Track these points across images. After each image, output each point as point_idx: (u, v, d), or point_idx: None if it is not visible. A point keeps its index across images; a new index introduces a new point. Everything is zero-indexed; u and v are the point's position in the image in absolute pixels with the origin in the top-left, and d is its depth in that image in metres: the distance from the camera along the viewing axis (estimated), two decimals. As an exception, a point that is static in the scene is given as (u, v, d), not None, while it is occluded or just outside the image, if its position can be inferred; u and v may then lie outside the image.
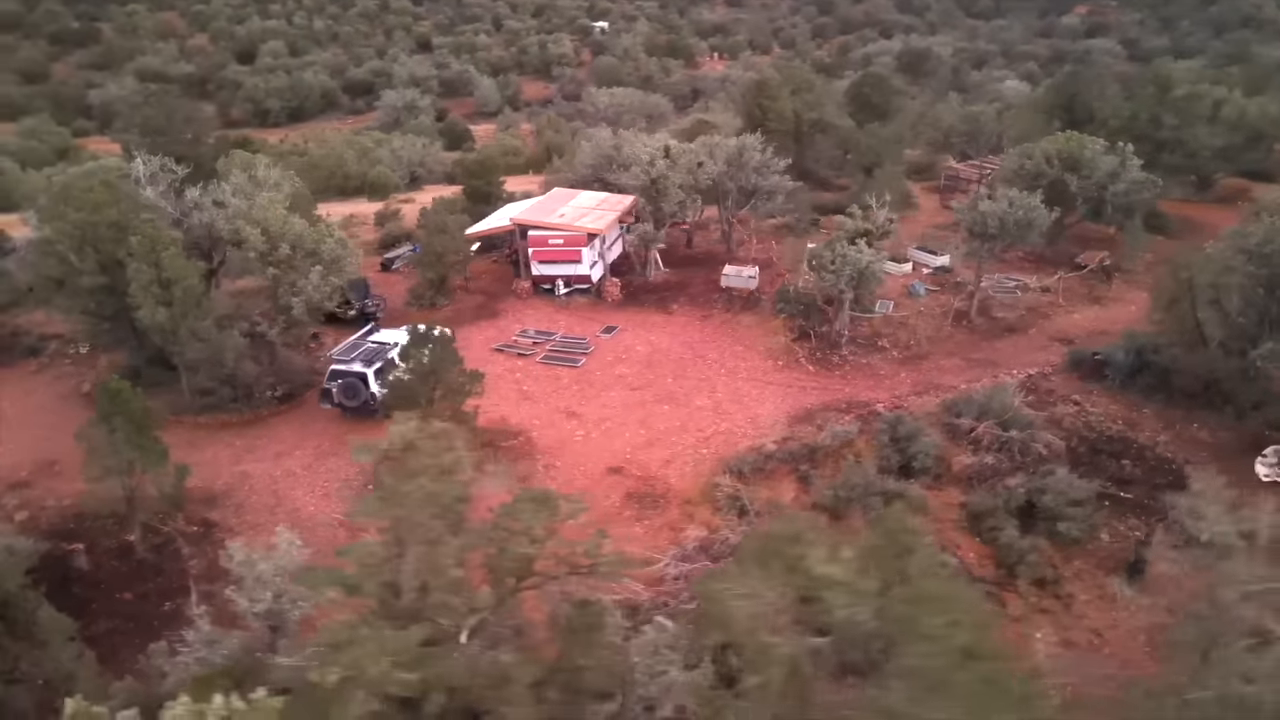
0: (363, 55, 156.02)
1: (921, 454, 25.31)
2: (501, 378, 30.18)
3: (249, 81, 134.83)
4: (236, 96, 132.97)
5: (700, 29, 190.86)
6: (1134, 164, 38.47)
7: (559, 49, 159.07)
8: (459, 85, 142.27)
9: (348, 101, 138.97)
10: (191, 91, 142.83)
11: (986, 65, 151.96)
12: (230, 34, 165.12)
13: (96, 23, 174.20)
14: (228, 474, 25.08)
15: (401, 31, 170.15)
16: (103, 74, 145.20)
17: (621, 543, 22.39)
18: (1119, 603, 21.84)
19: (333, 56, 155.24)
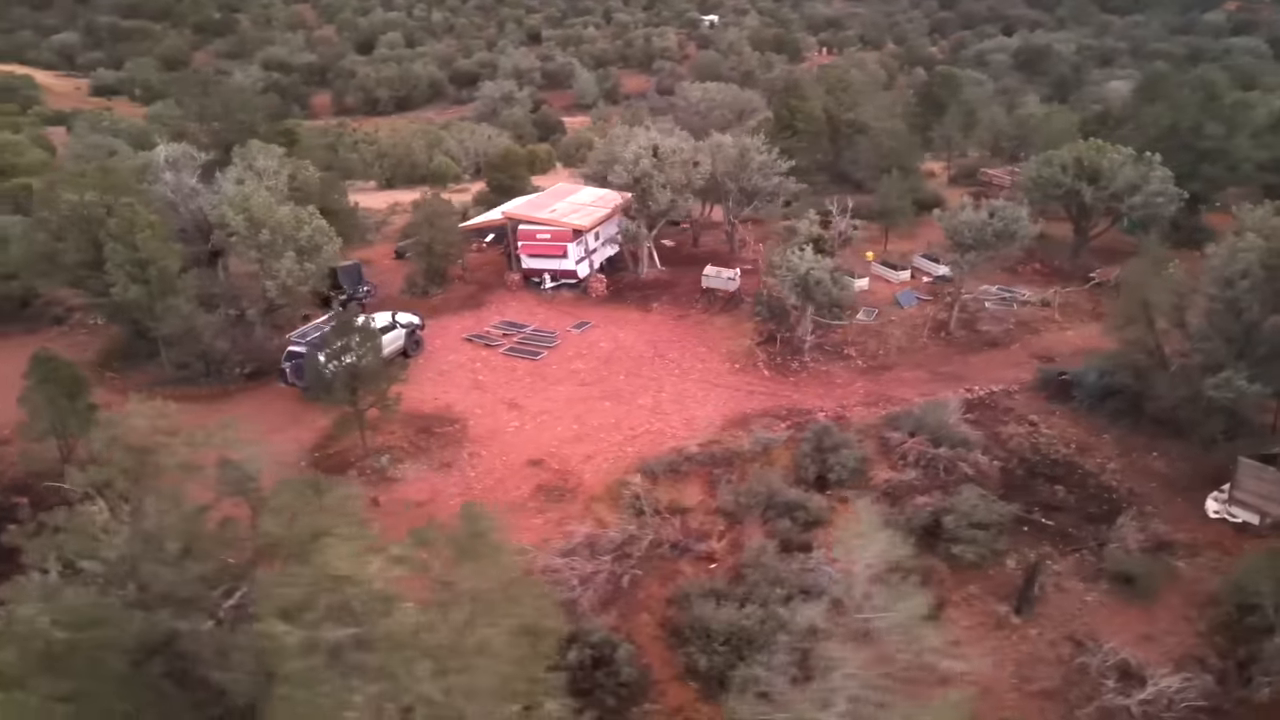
0: (473, 47, 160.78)
1: (839, 466, 25.04)
2: (462, 366, 31.34)
3: (362, 71, 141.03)
4: (350, 85, 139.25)
5: (812, 23, 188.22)
6: (1158, 175, 36.45)
7: (663, 42, 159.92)
8: (561, 78, 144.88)
9: (453, 91, 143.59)
10: (312, 80, 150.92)
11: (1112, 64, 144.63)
12: (354, 25, 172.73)
13: (236, 13, 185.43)
14: (180, 443, 27.02)
15: (513, 24, 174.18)
16: (235, 62, 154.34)
17: (516, 533, 23.23)
18: (1003, 630, 21.20)
19: (445, 48, 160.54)
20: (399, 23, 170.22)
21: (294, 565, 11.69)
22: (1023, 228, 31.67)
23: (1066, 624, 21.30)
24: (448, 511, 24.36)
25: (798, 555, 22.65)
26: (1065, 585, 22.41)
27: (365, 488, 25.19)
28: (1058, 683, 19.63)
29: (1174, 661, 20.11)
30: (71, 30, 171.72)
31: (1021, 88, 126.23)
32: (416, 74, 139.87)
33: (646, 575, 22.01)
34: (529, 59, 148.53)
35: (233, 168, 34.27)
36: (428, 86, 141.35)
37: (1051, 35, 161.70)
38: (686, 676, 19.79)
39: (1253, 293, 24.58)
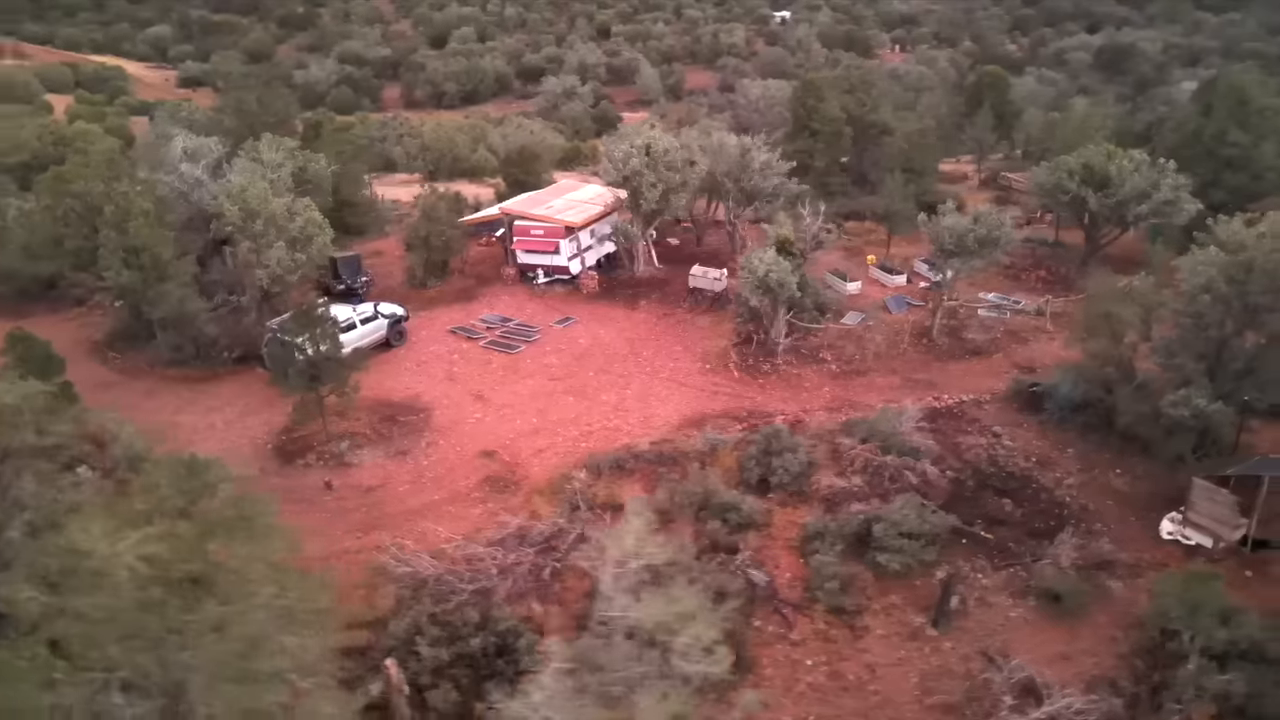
0: (542, 42, 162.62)
1: (782, 470, 25.07)
2: (440, 358, 32.22)
3: (432, 65, 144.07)
4: (419, 79, 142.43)
5: (887, 20, 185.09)
6: (1168, 183, 35.21)
7: (730, 39, 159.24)
8: (626, 73, 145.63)
9: (519, 86, 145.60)
10: (384, 74, 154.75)
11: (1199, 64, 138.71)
12: (429, 20, 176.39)
13: (319, 8, 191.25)
14: (159, 421, 28.40)
15: (584, 19, 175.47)
16: (313, 55, 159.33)
17: (453, 521, 23.99)
18: (917, 641, 21.03)
19: (515, 43, 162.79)
20: (472, 18, 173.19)
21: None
22: (1005, 235, 31.01)
23: (984, 639, 21.02)
24: (395, 497, 25.36)
25: (721, 556, 22.95)
26: (991, 600, 22.10)
27: (321, 471, 26.35)
28: (959, 697, 19.44)
29: (1086, 682, 19.70)
30: (165, 24, 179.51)
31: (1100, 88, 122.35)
32: (483, 69, 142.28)
33: (569, 568, 22.44)
34: (595, 54, 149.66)
35: (238, 159, 35.77)
36: (494, 81, 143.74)
37: (1137, 33, 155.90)
38: (587, 668, 20.21)
39: (1218, 307, 23.75)
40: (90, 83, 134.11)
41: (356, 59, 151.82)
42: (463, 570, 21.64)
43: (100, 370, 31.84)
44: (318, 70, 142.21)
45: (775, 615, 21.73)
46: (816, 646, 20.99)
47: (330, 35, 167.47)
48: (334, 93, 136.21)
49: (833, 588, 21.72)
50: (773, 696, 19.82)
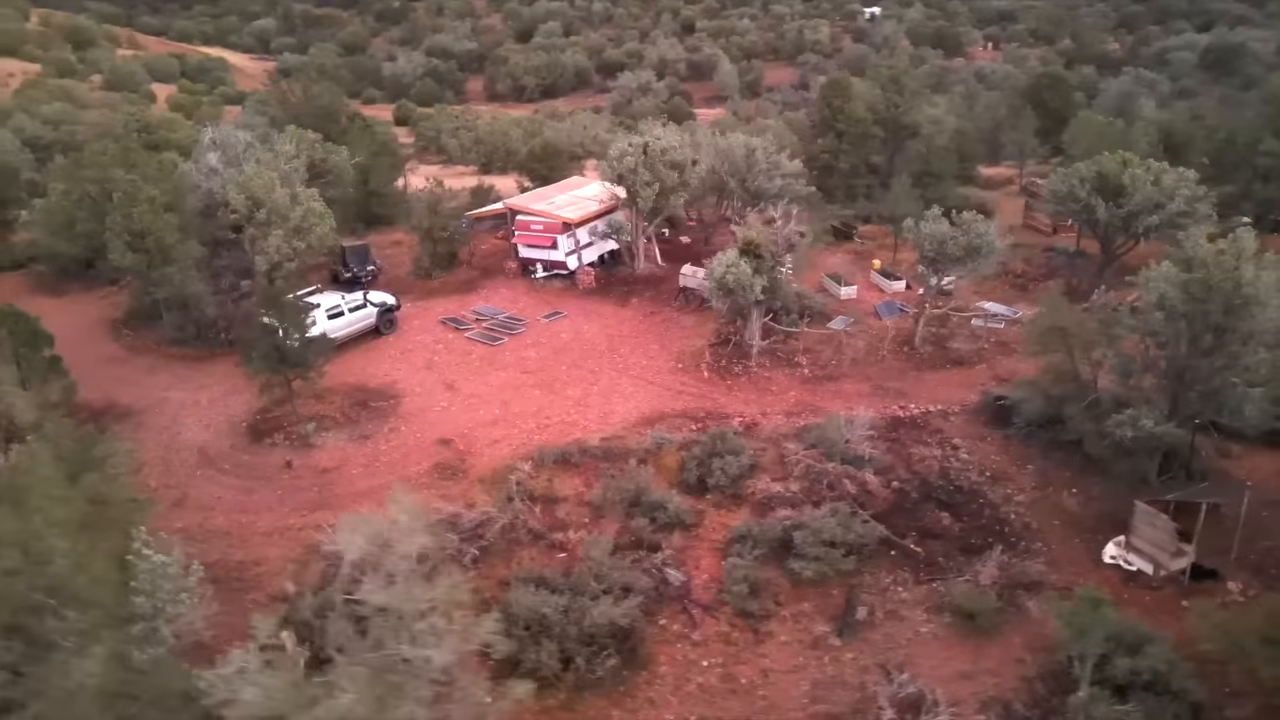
0: (625, 37, 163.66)
1: (720, 472, 25.20)
2: (425, 347, 33.28)
3: (514, 59, 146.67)
4: (500, 72, 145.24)
5: (983, 16, 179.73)
6: (1184, 194, 33.71)
7: (814, 35, 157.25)
8: (705, 69, 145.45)
9: (598, 81, 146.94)
10: (470, 66, 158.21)
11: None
12: (518, 14, 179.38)
13: (414, 1, 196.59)
14: (152, 396, 30.31)
15: (669, 14, 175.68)
16: (404, 48, 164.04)
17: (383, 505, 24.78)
18: (819, 650, 20.95)
19: (598, 38, 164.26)
20: (559, 12, 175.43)
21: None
22: (988, 243, 30.25)
23: (887, 652, 20.80)
24: (346, 479, 26.46)
25: (641, 553, 23.25)
26: (905, 614, 21.81)
27: (285, 451, 27.65)
28: (844, 708, 19.34)
29: (981, 702, 19.36)
30: (270, 17, 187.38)
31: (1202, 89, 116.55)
32: (563, 63, 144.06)
33: (493, 556, 23.10)
34: (676, 50, 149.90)
35: (253, 149, 37.56)
36: (573, 75, 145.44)
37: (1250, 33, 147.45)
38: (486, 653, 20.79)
39: (1174, 326, 22.82)
40: (194, 73, 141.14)
41: (443, 52, 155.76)
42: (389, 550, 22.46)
43: (112, 346, 33.95)
44: (405, 63, 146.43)
45: (682, 614, 21.95)
46: (717, 648, 21.11)
47: (421, 29, 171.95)
48: (418, 85, 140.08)
49: (740, 591, 21.79)
50: (660, 694, 20.17)
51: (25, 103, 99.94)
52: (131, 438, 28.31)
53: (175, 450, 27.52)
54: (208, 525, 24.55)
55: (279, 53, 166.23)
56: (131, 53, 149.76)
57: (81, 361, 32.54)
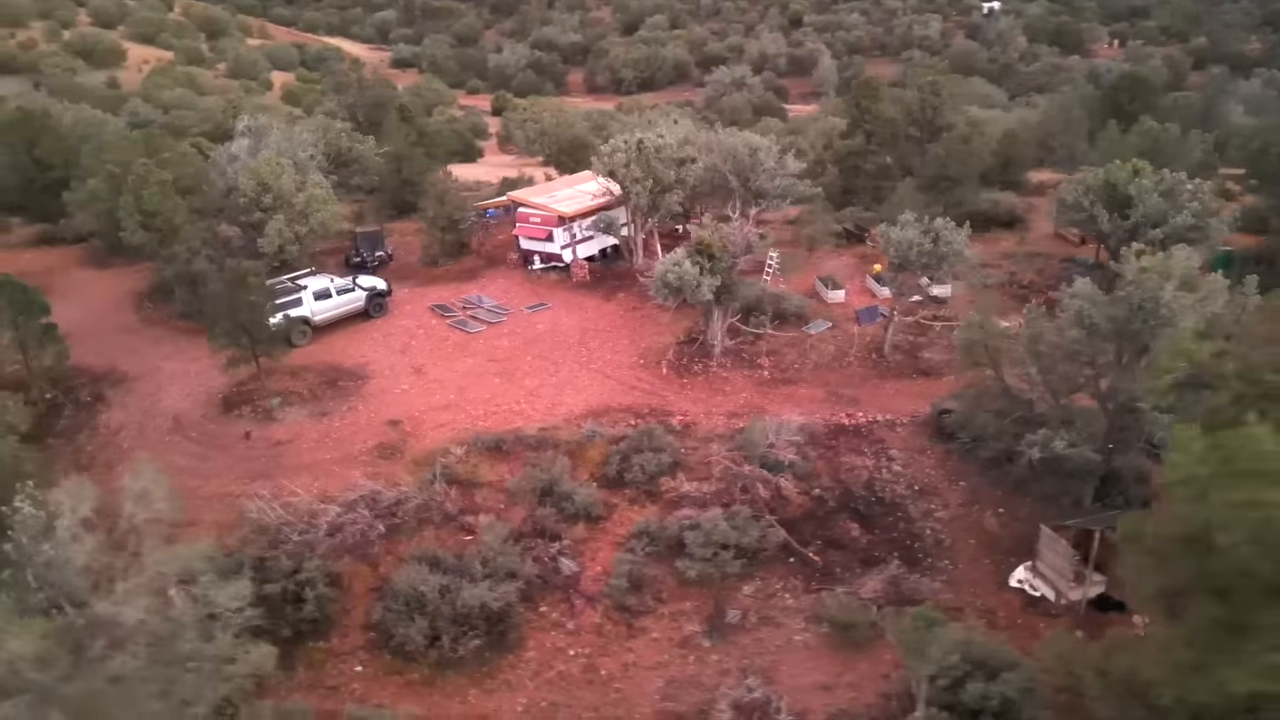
0: (730, 30, 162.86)
1: (638, 468, 25.51)
2: (406, 331, 34.63)
3: (614, 52, 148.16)
4: (600, 65, 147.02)
5: (1112, 12, 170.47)
6: (1193, 207, 31.84)
7: (924, 30, 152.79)
8: (806, 65, 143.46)
9: (697, 75, 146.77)
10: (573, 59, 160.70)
11: None
12: (626, 7, 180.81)
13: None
14: (149, 365, 32.57)
15: (777, 9, 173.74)
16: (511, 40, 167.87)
17: (329, 479, 26.22)
18: (685, 649, 21.12)
19: (702, 31, 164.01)
20: (667, 5, 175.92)
21: None
22: (954, 250, 29.35)
23: (754, 656, 20.83)
24: (294, 453, 27.99)
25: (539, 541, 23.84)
26: (783, 621, 21.76)
27: (248, 422, 29.39)
28: (689, 708, 19.51)
29: (830, 715, 19.23)
30: (392, 9, 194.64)
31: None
32: (662, 56, 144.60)
33: (401, 534, 24.10)
34: (778, 44, 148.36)
35: (272, 137, 39.73)
36: (672, 69, 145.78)
37: None
38: (369, 626, 21.85)
39: (1093, 344, 21.82)
40: (312, 62, 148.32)
41: (548, 44, 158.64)
42: (298, 523, 23.83)
43: (131, 318, 36.63)
44: (509, 54, 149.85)
45: (564, 603, 22.46)
46: (588, 639, 21.57)
47: (531, 21, 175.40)
48: (519, 76, 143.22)
49: (620, 585, 22.16)
50: (519, 678, 20.77)
51: (150, 88, 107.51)
52: (120, 402, 30.81)
53: (153, 416, 29.65)
54: (160, 487, 26.43)
55: (396, 43, 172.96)
56: (259, 42, 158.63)
57: (100, 329, 35.53)
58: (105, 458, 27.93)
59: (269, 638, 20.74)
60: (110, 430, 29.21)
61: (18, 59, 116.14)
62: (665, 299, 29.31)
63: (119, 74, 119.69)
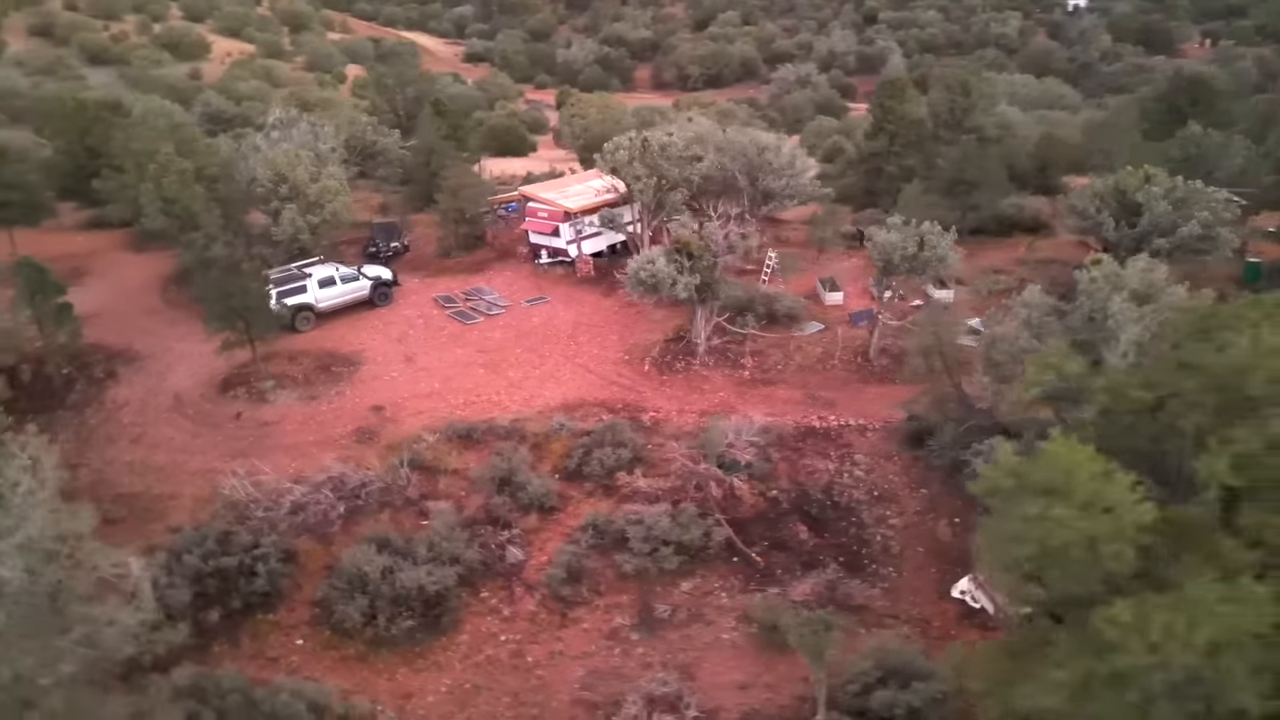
0: (802, 27, 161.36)
1: (597, 462, 25.90)
2: (406, 321, 35.62)
3: (682, 48, 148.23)
4: (666, 61, 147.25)
5: (1207, 10, 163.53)
6: (1202, 216, 30.73)
7: (1001, 28, 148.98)
8: (876, 62, 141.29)
9: (765, 71, 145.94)
10: (642, 55, 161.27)
11: None
12: (699, 2, 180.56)
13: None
14: (162, 345, 34.15)
15: (851, 5, 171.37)
16: (581, 35, 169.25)
17: (304, 459, 27.27)
18: (614, 641, 21.45)
19: (775, 28, 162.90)
20: (740, 1, 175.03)
21: None
22: (936, 255, 28.88)
23: (677, 652, 21.05)
24: (279, 434, 29.15)
25: (490, 529, 24.43)
26: (713, 619, 21.93)
27: (241, 403, 30.68)
28: (602, 698, 19.84)
29: (743, 714, 19.36)
30: (469, 3, 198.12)
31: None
32: (730, 53, 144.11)
33: (362, 516, 24.94)
34: (848, 42, 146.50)
35: (296, 130, 41.17)
36: (739, 66, 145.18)
37: None
38: (315, 602, 22.70)
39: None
40: (386, 55, 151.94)
41: (618, 40, 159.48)
42: (263, 501, 24.86)
43: (155, 300, 38.43)
44: (577, 50, 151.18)
45: (505, 590, 22.99)
46: (522, 626, 22.06)
47: (603, 16, 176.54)
48: (587, 71, 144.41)
49: (557, 575, 22.58)
50: (449, 659, 21.38)
51: (228, 80, 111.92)
52: (129, 379, 32.47)
53: (155, 394, 31.18)
54: (149, 460, 27.90)
55: (471, 38, 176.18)
56: (340, 36, 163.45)
57: (125, 310, 37.43)
58: (106, 431, 29.52)
59: (220, 607, 22.41)
60: (115, 405, 30.82)
61: (109, 50, 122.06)
62: (641, 295, 29.57)
63: (202, 66, 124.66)
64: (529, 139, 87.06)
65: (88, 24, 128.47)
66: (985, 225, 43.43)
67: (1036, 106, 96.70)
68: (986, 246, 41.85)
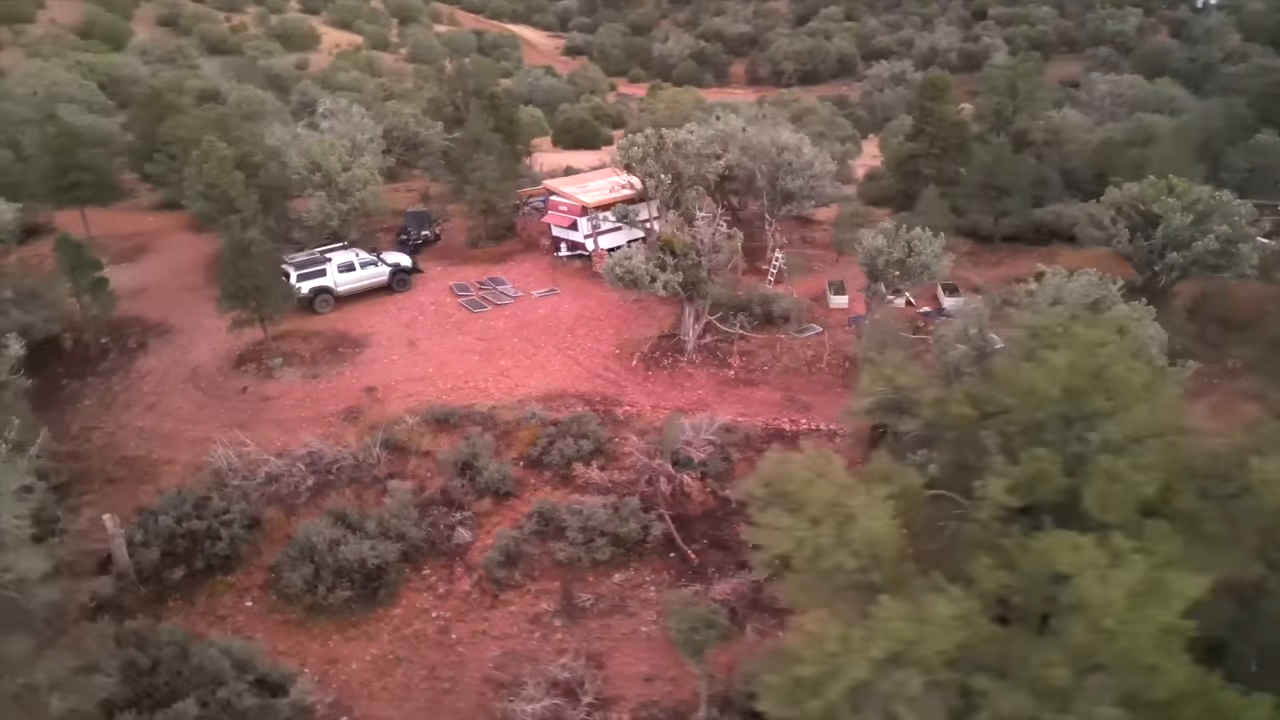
0: (906, 23, 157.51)
1: (557, 452, 26.54)
2: (419, 306, 36.94)
3: (777, 43, 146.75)
4: (761, 57, 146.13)
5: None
6: (1220, 231, 29.19)
7: (1119, 25, 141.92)
8: (978, 60, 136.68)
9: (862, 68, 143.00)
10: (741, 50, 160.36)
11: None
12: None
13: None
14: (192, 320, 36.34)
15: (960, 1, 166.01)
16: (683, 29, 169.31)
17: (288, 434, 28.79)
18: (535, 625, 22.08)
19: (878, 24, 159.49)
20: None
21: None
22: (921, 262, 28.27)
23: (594, 640, 21.53)
24: (276, 409, 30.83)
25: (443, 509, 25.36)
26: (635, 611, 22.38)
27: (249, 378, 32.49)
28: (509, 678, 20.48)
29: (640, 704, 19.77)
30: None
31: None
32: (826, 49, 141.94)
33: (331, 490, 26.23)
34: (949, 39, 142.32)
35: (335, 121, 43.01)
36: (835, 62, 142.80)
37: None
38: (270, 568, 24.03)
39: (981, 365, 20.86)
40: (486, 48, 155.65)
41: (716, 35, 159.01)
42: (241, 470, 26.43)
43: (198, 278, 40.75)
44: (673, 44, 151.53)
45: (446, 570, 23.87)
46: (454, 604, 22.92)
47: (703, 10, 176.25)
48: (681, 66, 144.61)
49: (494, 558, 23.33)
50: (379, 630, 22.39)
51: (330, 71, 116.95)
52: (157, 351, 34.78)
53: (177, 366, 33.34)
54: (157, 427, 29.95)
55: (573, 31, 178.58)
56: (446, 28, 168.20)
57: (170, 286, 40.01)
58: (126, 398, 31.77)
59: (184, 566, 24.02)
60: (139, 374, 33.10)
61: (227, 41, 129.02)
62: (623, 292, 30.01)
63: (310, 57, 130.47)
64: (602, 132, 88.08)
65: (210, 15, 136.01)
66: (1022, 233, 42.15)
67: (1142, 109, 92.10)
68: (1019, 255, 40.65)
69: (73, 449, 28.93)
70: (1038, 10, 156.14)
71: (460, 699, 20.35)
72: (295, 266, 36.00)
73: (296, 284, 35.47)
